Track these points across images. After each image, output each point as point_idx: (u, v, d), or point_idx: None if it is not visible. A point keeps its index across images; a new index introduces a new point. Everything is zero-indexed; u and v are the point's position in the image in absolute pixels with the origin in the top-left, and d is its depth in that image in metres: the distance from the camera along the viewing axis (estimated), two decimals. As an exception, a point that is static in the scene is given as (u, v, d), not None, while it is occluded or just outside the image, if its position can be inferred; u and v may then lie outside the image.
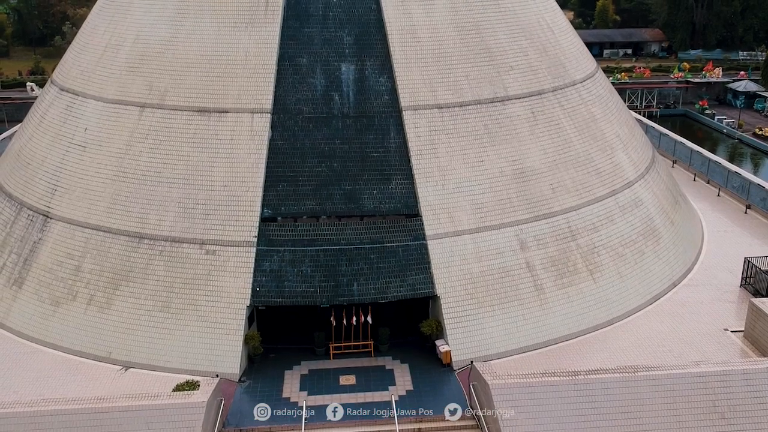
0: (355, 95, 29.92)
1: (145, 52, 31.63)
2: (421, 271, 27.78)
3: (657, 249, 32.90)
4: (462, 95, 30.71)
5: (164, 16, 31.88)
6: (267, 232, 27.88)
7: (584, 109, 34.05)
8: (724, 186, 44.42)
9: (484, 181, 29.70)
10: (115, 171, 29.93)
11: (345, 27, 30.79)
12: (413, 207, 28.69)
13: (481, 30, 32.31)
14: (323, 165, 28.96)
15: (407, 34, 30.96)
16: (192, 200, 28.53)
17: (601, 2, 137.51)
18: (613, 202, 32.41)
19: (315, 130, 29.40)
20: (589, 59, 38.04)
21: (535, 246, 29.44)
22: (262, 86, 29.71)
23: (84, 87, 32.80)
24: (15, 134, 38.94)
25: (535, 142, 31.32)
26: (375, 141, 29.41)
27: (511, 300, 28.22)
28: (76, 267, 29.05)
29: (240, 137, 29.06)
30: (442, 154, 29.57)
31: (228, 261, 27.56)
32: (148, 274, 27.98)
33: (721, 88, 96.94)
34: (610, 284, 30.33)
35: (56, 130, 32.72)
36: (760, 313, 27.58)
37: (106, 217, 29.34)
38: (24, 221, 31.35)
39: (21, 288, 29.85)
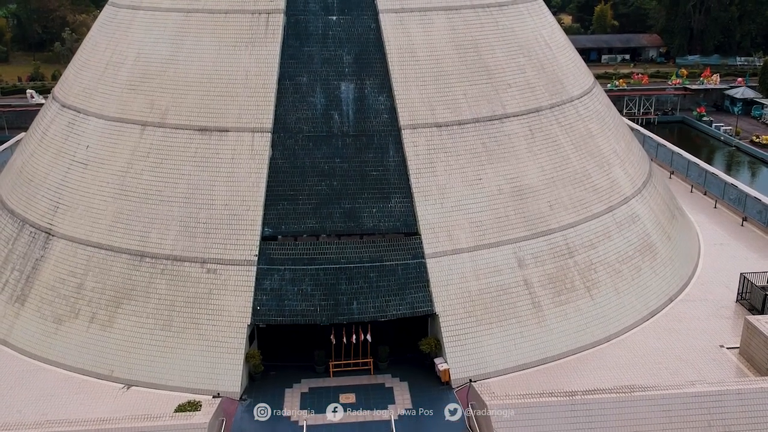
0: (355, 114, 30.22)
1: (146, 70, 31.91)
2: (420, 289, 28.07)
3: (654, 265, 33.21)
4: (460, 113, 31.01)
5: (165, 35, 32.17)
6: (267, 250, 28.17)
7: (581, 125, 34.37)
8: (721, 198, 44.74)
9: (482, 199, 30.00)
10: (117, 189, 30.20)
11: (344, 46, 31.10)
12: (412, 225, 28.98)
13: (480, 48, 32.62)
14: (323, 183, 29.26)
15: (406, 53, 31.28)
16: (193, 219, 28.81)
17: (599, 7, 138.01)
18: (610, 219, 32.71)
19: (315, 148, 29.70)
20: (586, 74, 38.38)
21: (532, 263, 29.73)
22: (262, 105, 30.01)
23: (85, 104, 33.08)
24: (17, 149, 39.16)
25: (532, 160, 31.63)
26: (374, 159, 29.71)
27: (509, 318, 28.51)
28: (78, 285, 29.32)
29: (241, 156, 29.35)
30: (440, 173, 29.87)
31: (229, 280, 27.84)
32: (150, 293, 28.25)
33: (718, 95, 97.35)
34: (607, 301, 30.63)
35: (58, 147, 33.00)
36: (755, 331, 27.88)
37: (108, 235, 29.61)
38: (26, 238, 31.62)
39: (23, 305, 30.12)
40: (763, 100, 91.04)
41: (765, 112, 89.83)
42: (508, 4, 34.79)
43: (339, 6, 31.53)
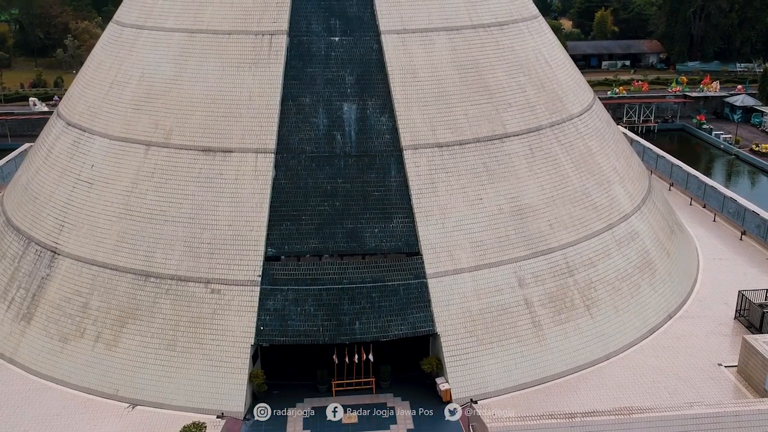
0: (357, 135, 30.58)
1: (151, 90, 32.28)
2: (422, 309, 28.41)
3: (653, 282, 33.54)
4: (461, 134, 31.36)
5: (169, 56, 32.54)
6: (271, 271, 28.51)
7: (581, 143, 34.72)
8: (720, 211, 45.06)
9: (483, 219, 30.34)
10: (122, 209, 30.55)
11: (347, 67, 31.45)
12: (414, 245, 29.32)
13: (480, 68, 32.98)
14: (326, 204, 29.60)
15: (408, 73, 31.64)
16: (197, 239, 29.16)
17: (599, 13, 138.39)
18: (609, 236, 33.05)
19: (318, 169, 30.04)
20: (586, 90, 38.74)
21: (533, 283, 30.07)
22: (265, 126, 30.37)
23: (90, 123, 33.45)
24: (22, 165, 39.49)
25: (533, 179, 31.97)
26: (376, 180, 30.06)
27: (509, 337, 28.84)
28: (83, 304, 29.67)
29: (244, 177, 29.70)
30: (441, 193, 30.21)
31: (233, 300, 28.18)
32: (155, 313, 28.60)
33: (718, 103, 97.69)
34: (606, 319, 30.96)
35: (63, 166, 33.35)
36: (753, 351, 28.20)
37: (113, 254, 29.96)
38: (32, 256, 31.97)
39: (29, 323, 30.47)
40: (763, 107, 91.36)
41: (765, 120, 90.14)
42: (508, 23, 35.16)
43: (341, 27, 31.89)
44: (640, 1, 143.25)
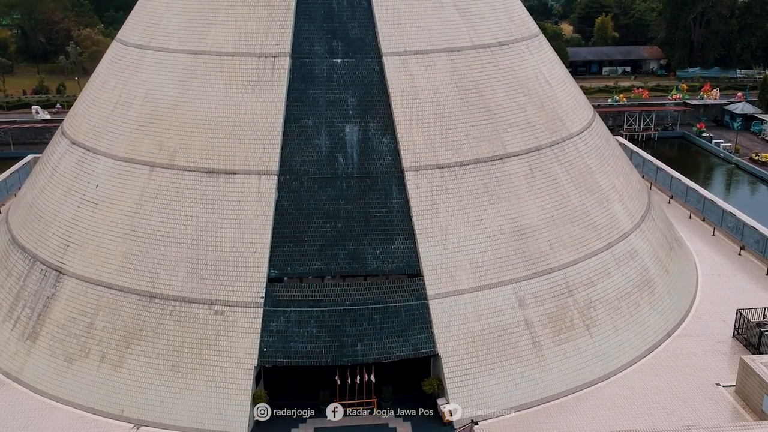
0: (359, 156, 30.91)
1: (155, 111, 32.62)
2: (423, 330, 28.73)
3: (652, 300, 33.85)
4: (462, 155, 31.70)
5: (173, 77, 32.88)
6: (273, 292, 28.84)
7: (581, 162, 35.04)
8: (719, 225, 45.31)
9: (483, 240, 30.67)
10: (126, 229, 30.89)
11: (349, 89, 31.79)
12: (415, 266, 29.65)
13: (481, 88, 33.32)
14: (328, 225, 29.93)
15: (409, 95, 31.97)
16: (201, 261, 29.50)
17: (600, 19, 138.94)
18: (609, 255, 33.36)
19: (320, 190, 30.38)
20: (586, 108, 39.06)
21: (533, 303, 30.39)
22: (268, 148, 30.71)
23: (95, 143, 33.79)
24: (26, 182, 39.85)
25: (533, 199, 32.30)
26: (378, 201, 30.39)
27: (509, 358, 29.16)
28: (88, 324, 30.00)
29: (248, 199, 30.04)
30: (442, 214, 30.55)
31: (236, 321, 28.52)
32: (159, 334, 28.93)
33: (718, 110, 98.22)
34: (606, 338, 31.27)
35: (68, 185, 33.69)
36: (750, 372, 28.50)
37: (117, 275, 30.29)
38: (37, 275, 32.31)
39: (35, 343, 30.80)
40: (763, 115, 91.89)
41: (764, 128, 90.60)
42: (508, 43, 35.51)
43: (344, 49, 32.23)
44: (640, 6, 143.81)
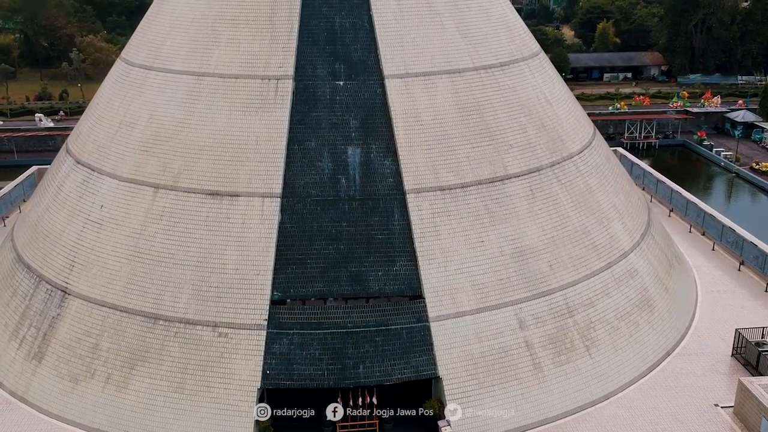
0: (361, 178, 31.21)
1: (159, 132, 32.95)
2: (424, 353, 29.04)
3: (651, 319, 34.13)
4: (463, 176, 31.99)
5: (177, 98, 33.20)
6: (276, 314, 29.16)
7: (581, 181, 35.33)
8: (719, 240, 45.55)
9: (484, 262, 30.96)
10: (131, 251, 31.21)
11: (351, 111, 32.10)
12: (417, 288, 29.96)
13: (482, 110, 33.61)
14: (330, 247, 30.23)
15: (411, 117, 32.27)
16: (205, 283, 29.82)
17: (601, 25, 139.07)
18: (609, 275, 33.65)
19: (323, 212, 30.69)
20: (586, 126, 39.33)
21: (533, 324, 30.69)
22: (272, 170, 31.01)
23: (100, 163, 34.12)
24: (31, 199, 40.18)
25: (533, 220, 32.59)
26: (380, 223, 30.69)
27: (510, 380, 29.45)
28: (93, 345, 30.33)
29: (251, 221, 30.35)
30: (444, 236, 30.84)
31: (239, 344, 28.83)
32: (163, 355, 29.25)
33: (719, 118, 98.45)
34: (605, 359, 31.56)
35: (73, 205, 34.03)
36: (749, 394, 28.78)
37: (122, 296, 30.62)
38: (42, 295, 32.65)
39: (41, 363, 31.14)
40: (763, 123, 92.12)
41: (765, 136, 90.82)
42: (509, 64, 35.80)
43: (346, 71, 32.53)
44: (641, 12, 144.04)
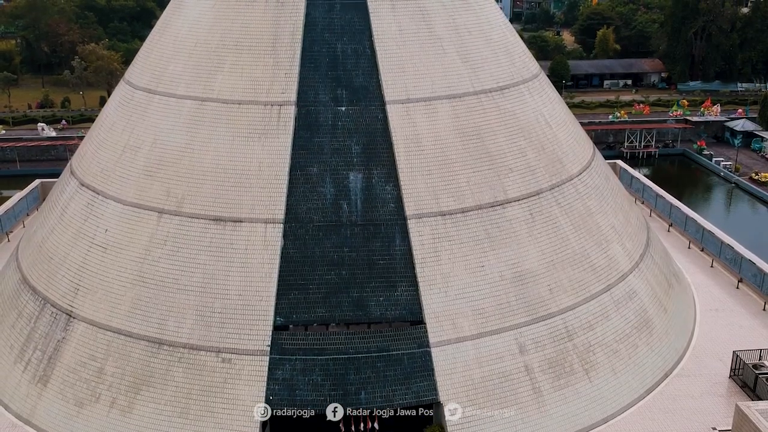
0: (363, 203, 31.58)
1: (163, 157, 33.32)
2: (425, 378, 29.40)
3: (650, 341, 34.48)
4: (463, 201, 32.36)
5: (180, 123, 33.57)
6: (279, 340, 29.52)
7: (580, 203, 35.69)
8: (718, 256, 45.89)
9: (484, 287, 31.32)
10: (135, 275, 31.58)
11: (353, 136, 32.47)
12: (418, 314, 30.32)
13: (482, 134, 33.98)
14: (332, 273, 30.60)
15: (412, 142, 32.64)
16: (209, 308, 30.18)
17: (602, 31, 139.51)
18: (608, 298, 34.00)
19: (325, 238, 31.05)
20: (586, 146, 39.67)
21: (533, 349, 31.04)
22: (274, 196, 31.39)
23: (104, 186, 34.48)
24: (36, 219, 40.54)
25: (533, 244, 32.94)
26: (381, 249, 31.05)
27: (510, 404, 29.79)
28: (98, 369, 30.70)
29: (254, 247, 30.72)
30: (444, 261, 31.21)
31: (243, 369, 29.19)
32: (168, 380, 29.61)
33: (719, 127, 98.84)
34: (604, 382, 31.91)
35: (77, 227, 34.39)
36: (746, 419, 29.06)
37: (127, 320, 30.99)
38: (48, 318, 33.02)
39: (46, 386, 31.50)
40: (763, 133, 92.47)
41: (765, 146, 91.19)
42: (509, 87, 36.17)
43: (348, 97, 32.91)
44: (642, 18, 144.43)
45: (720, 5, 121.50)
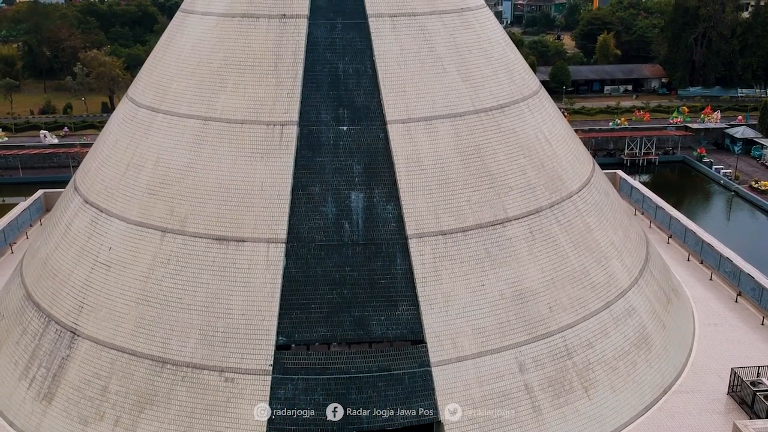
0: (364, 223, 31.87)
1: (166, 176, 33.62)
2: (426, 397, 29.69)
3: (649, 357, 34.77)
4: (464, 220, 32.65)
5: (183, 142, 33.88)
6: (281, 360, 29.82)
7: (580, 220, 35.99)
8: (717, 269, 46.18)
9: (484, 305, 31.61)
10: (139, 294, 31.89)
11: (355, 156, 32.77)
12: (418, 333, 30.61)
13: (482, 153, 34.28)
14: (334, 292, 30.90)
15: (412, 162, 32.94)
16: (212, 328, 30.48)
17: (602, 37, 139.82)
18: (607, 315, 34.28)
19: (326, 257, 31.35)
20: (585, 162, 39.97)
21: (533, 367, 31.33)
22: (277, 216, 31.69)
23: (108, 204, 34.80)
24: (41, 235, 40.86)
25: (533, 262, 33.23)
26: (383, 268, 31.34)
27: (510, 423, 30.08)
28: (102, 387, 31.01)
29: (257, 267, 31.02)
30: (445, 280, 31.50)
31: (245, 389, 29.49)
32: (171, 399, 29.92)
33: (719, 134, 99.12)
34: (603, 400, 32.19)
35: (81, 245, 34.71)
36: (743, 438, 29.44)
37: (131, 339, 31.29)
38: (52, 335, 33.33)
39: (50, 403, 31.81)
40: (763, 140, 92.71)
41: (765, 153, 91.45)
42: (509, 105, 36.48)
43: (349, 117, 33.22)
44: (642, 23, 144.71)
45: (720, 11, 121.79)
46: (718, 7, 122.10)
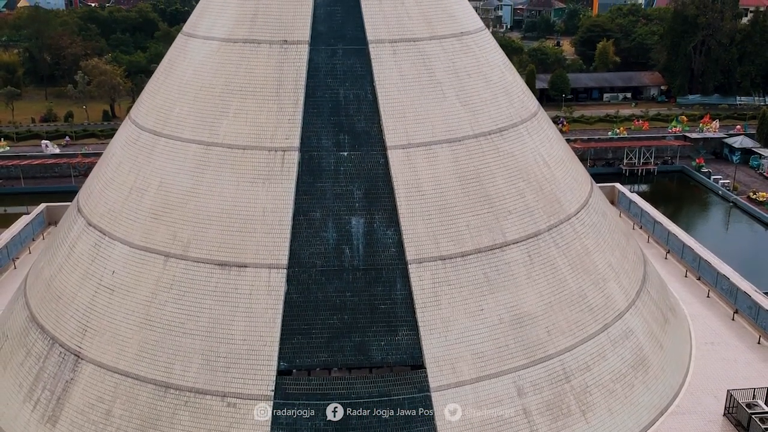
0: (364, 248, 32.27)
1: (168, 200, 34.02)
2: (426, 422, 30.06)
3: (646, 379, 35.16)
4: (463, 245, 33.05)
5: (185, 167, 34.26)
6: (283, 385, 30.21)
7: (578, 243, 36.38)
8: (714, 286, 46.58)
9: (483, 330, 32.00)
10: (142, 318, 32.29)
11: (355, 181, 33.17)
12: (418, 358, 31.01)
13: (481, 177, 34.67)
14: (335, 318, 31.29)
15: (412, 187, 33.33)
16: (214, 353, 30.87)
17: (602, 44, 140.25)
18: (605, 338, 34.68)
19: (327, 283, 31.75)
20: (583, 183, 40.35)
21: (531, 392, 31.72)
22: (278, 241, 32.09)
23: (111, 227, 35.18)
24: (44, 254, 41.23)
25: (531, 286, 33.63)
26: (382, 293, 31.74)
27: (508, 448, 30.53)
28: (106, 411, 31.40)
29: (258, 292, 31.42)
30: (444, 305, 31.89)
31: (247, 414, 29.87)
32: (174, 424, 30.30)
33: (717, 143, 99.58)
34: (601, 423, 32.57)
35: (85, 268, 35.10)
36: (739, 462, 29.86)
37: (134, 363, 31.68)
38: (56, 358, 33.72)
39: (55, 426, 32.20)
40: (761, 150, 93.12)
41: (763, 163, 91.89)
42: (508, 128, 36.87)
43: (350, 142, 33.62)
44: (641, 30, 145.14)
45: (719, 20, 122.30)
46: (717, 15, 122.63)
